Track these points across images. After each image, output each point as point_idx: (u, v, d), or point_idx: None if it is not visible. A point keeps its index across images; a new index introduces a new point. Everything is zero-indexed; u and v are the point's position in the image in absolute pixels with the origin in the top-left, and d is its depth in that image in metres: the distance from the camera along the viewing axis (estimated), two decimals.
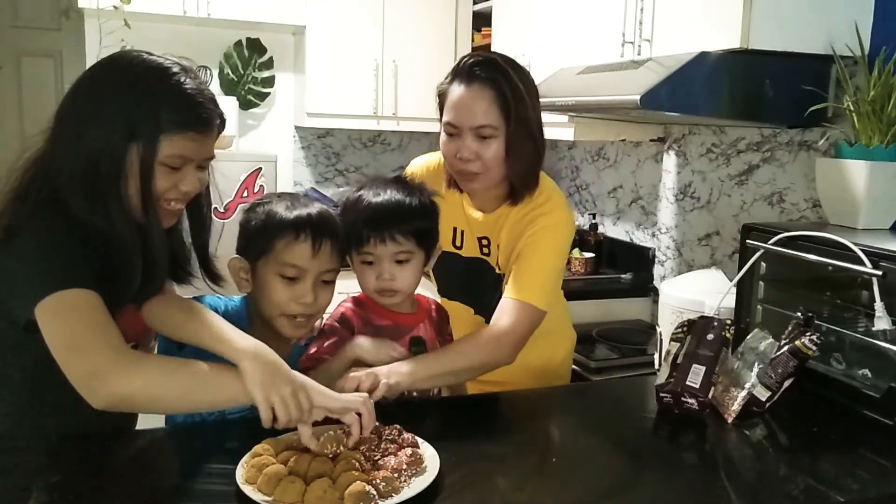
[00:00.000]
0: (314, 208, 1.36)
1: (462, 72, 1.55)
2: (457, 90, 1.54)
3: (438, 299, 1.75)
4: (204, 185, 1.30)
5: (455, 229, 1.70)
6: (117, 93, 1.17)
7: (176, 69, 1.21)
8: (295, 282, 1.32)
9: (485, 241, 1.68)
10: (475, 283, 1.70)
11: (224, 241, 1.58)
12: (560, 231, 1.60)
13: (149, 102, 1.16)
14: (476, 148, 1.52)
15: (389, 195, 1.40)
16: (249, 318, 1.37)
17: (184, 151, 1.19)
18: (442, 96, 1.59)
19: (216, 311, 1.29)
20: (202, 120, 1.20)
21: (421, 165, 1.76)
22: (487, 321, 1.69)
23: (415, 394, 1.42)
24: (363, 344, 1.38)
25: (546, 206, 1.61)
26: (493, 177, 1.57)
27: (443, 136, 1.59)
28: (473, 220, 1.68)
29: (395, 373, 1.33)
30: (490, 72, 1.52)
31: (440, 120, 1.60)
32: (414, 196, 1.42)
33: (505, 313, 1.52)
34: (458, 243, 1.71)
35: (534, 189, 1.61)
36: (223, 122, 1.27)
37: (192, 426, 1.31)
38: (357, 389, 1.25)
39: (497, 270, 1.66)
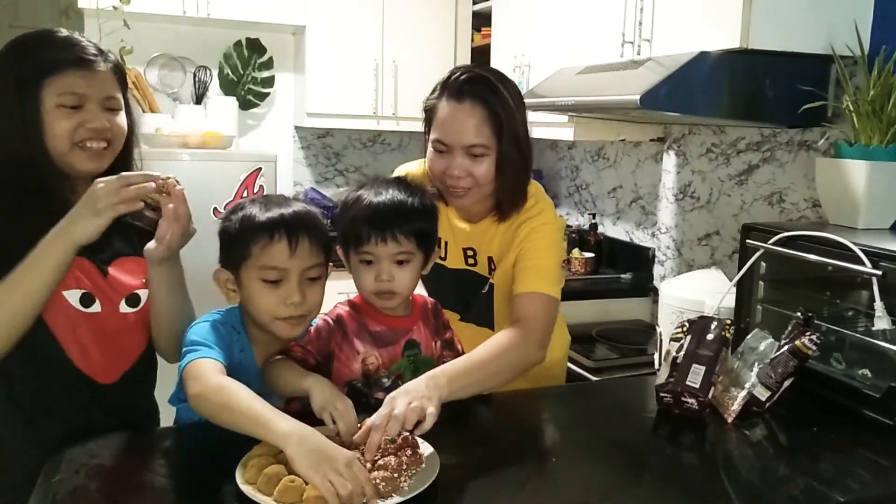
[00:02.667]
0: (288, 207, 1.32)
1: (451, 89, 1.52)
2: (446, 108, 1.52)
3: None
4: (124, 129, 1.36)
5: (439, 240, 1.67)
6: (4, 61, 1.29)
7: (60, 31, 1.32)
8: (279, 284, 1.29)
9: (470, 252, 1.68)
10: (462, 293, 1.70)
11: None
12: (551, 229, 1.61)
13: (29, 56, 1.28)
14: (467, 166, 1.51)
15: (391, 195, 1.37)
16: (244, 326, 1.35)
17: (73, 88, 1.25)
18: (430, 112, 1.56)
19: (216, 329, 1.29)
20: (81, 58, 1.28)
21: (404, 173, 1.69)
22: (477, 325, 1.69)
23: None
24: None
25: (534, 209, 1.62)
26: (483, 192, 1.56)
27: (430, 153, 1.56)
28: (459, 231, 1.67)
29: (434, 396, 1.24)
30: (481, 90, 1.50)
31: (426, 133, 1.58)
32: (415, 196, 1.39)
33: (523, 306, 1.52)
34: (442, 254, 1.70)
35: (521, 206, 1.60)
36: (115, 64, 1.34)
37: (192, 426, 1.31)
38: (403, 427, 1.17)
39: (491, 279, 1.66)
